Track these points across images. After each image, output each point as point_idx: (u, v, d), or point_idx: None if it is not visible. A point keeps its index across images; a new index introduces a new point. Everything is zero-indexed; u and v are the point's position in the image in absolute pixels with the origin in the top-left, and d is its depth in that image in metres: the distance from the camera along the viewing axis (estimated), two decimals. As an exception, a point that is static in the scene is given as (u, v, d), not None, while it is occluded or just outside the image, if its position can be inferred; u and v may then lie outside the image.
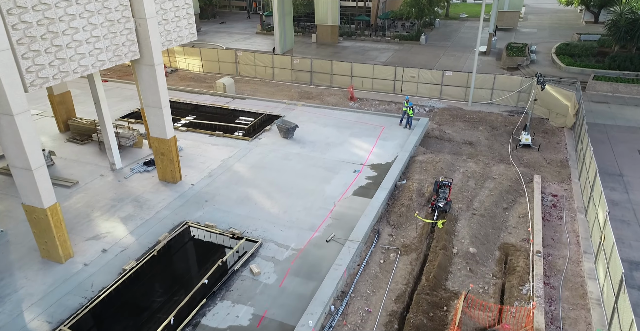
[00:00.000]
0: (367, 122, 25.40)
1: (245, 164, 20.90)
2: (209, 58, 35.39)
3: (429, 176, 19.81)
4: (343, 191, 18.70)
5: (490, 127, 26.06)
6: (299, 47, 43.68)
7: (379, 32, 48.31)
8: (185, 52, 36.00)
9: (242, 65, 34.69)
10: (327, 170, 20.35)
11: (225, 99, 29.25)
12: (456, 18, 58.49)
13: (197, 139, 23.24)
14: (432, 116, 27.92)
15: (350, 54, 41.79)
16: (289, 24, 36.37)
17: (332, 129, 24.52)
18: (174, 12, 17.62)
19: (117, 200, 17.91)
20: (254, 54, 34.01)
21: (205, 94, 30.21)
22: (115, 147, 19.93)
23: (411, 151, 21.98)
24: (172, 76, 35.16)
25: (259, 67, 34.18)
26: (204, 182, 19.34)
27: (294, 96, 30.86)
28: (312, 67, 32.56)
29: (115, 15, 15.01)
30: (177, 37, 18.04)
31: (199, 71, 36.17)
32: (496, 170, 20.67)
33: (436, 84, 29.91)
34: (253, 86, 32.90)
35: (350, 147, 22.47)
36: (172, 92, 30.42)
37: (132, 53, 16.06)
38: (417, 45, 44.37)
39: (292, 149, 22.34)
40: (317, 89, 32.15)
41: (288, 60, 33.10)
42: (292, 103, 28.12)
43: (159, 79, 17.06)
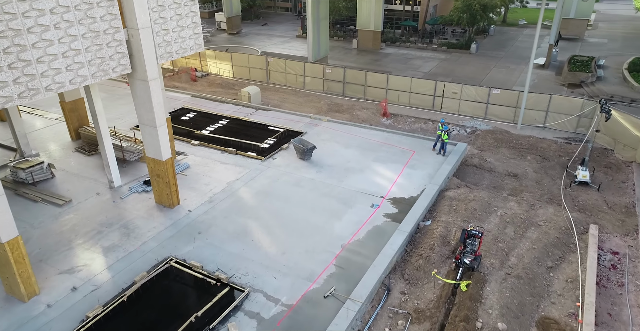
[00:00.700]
0: (396, 145, 22.64)
1: (252, 189, 18.85)
2: (240, 63, 33.78)
3: (459, 217, 16.88)
4: (354, 230, 16.19)
5: (541, 157, 22.53)
6: (337, 53, 41.31)
7: (426, 39, 44.97)
8: (217, 56, 34.61)
9: (272, 72, 32.81)
10: (341, 202, 17.90)
11: (248, 109, 27.41)
12: (514, 24, 53.90)
13: (207, 156, 21.47)
14: (474, 138, 24.69)
15: (391, 62, 38.90)
16: (324, 30, 34.06)
17: (355, 152, 21.99)
18: (176, 21, 15.79)
19: (106, 225, 16.37)
20: (285, 61, 32.00)
21: (228, 103, 28.54)
22: (114, 164, 18.49)
23: (442, 184, 19.06)
24: (201, 81, 33.88)
25: (289, 75, 32.15)
26: (202, 208, 17.48)
27: (322, 109, 28.57)
28: (345, 77, 30.10)
29: (102, 25, 13.33)
30: (179, 49, 16.22)
31: (229, 77, 34.67)
32: (543, 214, 17.38)
33: (481, 103, 26.57)
34: (282, 95, 30.90)
35: (371, 175, 19.86)
36: (195, 100, 29.02)
37: (122, 67, 14.35)
38: (466, 54, 40.73)
39: (307, 173, 20.05)
40: (348, 102, 29.67)
41: (320, 69, 30.83)
42: (317, 118, 25.82)
43: (154, 96, 15.30)
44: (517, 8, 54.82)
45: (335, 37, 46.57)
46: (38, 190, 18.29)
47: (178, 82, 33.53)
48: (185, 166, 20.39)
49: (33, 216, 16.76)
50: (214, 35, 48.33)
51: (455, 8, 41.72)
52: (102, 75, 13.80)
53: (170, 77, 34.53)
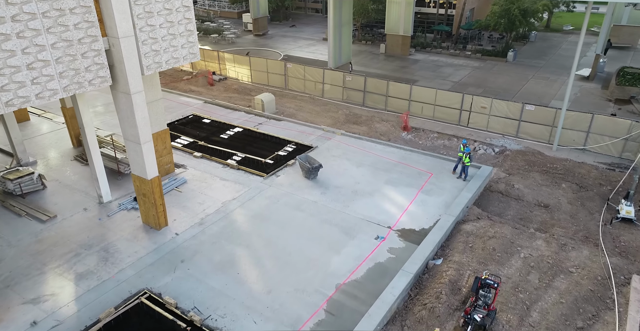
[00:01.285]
0: (412, 165, 20.57)
1: (248, 211, 17.30)
2: (258, 68, 32.40)
3: (474, 258, 14.74)
4: (353, 267, 14.35)
5: (578, 186, 19.92)
6: (363, 59, 39.33)
7: (459, 45, 42.30)
8: (235, 60, 33.37)
9: (291, 78, 31.25)
10: (343, 231, 16.08)
11: (259, 119, 25.92)
12: (559, 30, 50.25)
13: (207, 170, 20.11)
14: (502, 159, 22.27)
15: (419, 69, 36.59)
16: (346, 35, 32.18)
17: (366, 171, 20.08)
18: (167, 29, 14.40)
19: (86, 246, 15.21)
20: (304, 67, 30.36)
21: (240, 110, 27.17)
22: (104, 178, 17.36)
23: (459, 214, 16.92)
24: (218, 85, 32.73)
25: (308, 82, 30.50)
26: (190, 232, 16.06)
27: (339, 119, 26.76)
28: (365, 86, 28.17)
29: (76, 34, 12.06)
30: (170, 59, 14.83)
31: (247, 81, 33.37)
32: (575, 258, 14.99)
33: (513, 119, 24.04)
34: (298, 103, 29.29)
35: (381, 200, 17.93)
36: (208, 107, 27.81)
37: (101, 79, 13.07)
38: (502, 62, 37.88)
39: (310, 194, 18.33)
40: (368, 113, 27.72)
41: (340, 76, 29.01)
42: (331, 131, 24.03)
43: (137, 111, 13.96)
44: (563, 12, 51.11)
45: (363, 41, 44.58)
46: (25, 203, 17.40)
47: (195, 86, 32.51)
48: (182, 181, 19.09)
49: (13, 233, 15.81)
50: (239, 36, 47.32)
51: (492, 12, 38.90)
52: (76, 88, 12.54)
53: (188, 81, 33.58)
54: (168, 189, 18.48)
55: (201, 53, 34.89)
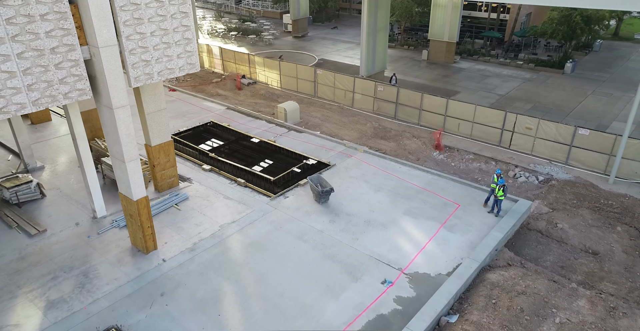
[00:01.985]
0: (438, 194, 18.19)
1: (246, 237, 15.68)
2: (288, 73, 30.84)
3: (496, 320, 12.31)
4: (350, 318, 12.36)
5: (638, 230, 16.83)
6: (402, 66, 36.86)
7: (510, 53, 38.83)
8: (266, 63, 31.98)
9: (320, 85, 29.44)
10: (346, 271, 14.10)
11: (279, 129, 24.30)
12: (629, 39, 45.30)
13: (213, 186, 18.71)
14: (546, 191, 19.41)
15: (462, 79, 33.69)
16: (381, 42, 29.91)
17: (385, 197, 17.94)
18: (160, 37, 12.99)
19: (66, 269, 14.13)
20: (334, 74, 28.45)
21: (261, 119, 25.69)
22: (98, 192, 16.31)
23: (485, 259, 14.48)
24: (246, 90, 31.46)
25: (338, 91, 28.57)
26: (179, 258, 14.65)
27: (366, 133, 24.67)
28: (398, 97, 25.88)
29: (48, 42, 10.84)
30: (163, 70, 13.42)
31: (277, 86, 31.90)
32: (628, 328, 12.22)
33: (562, 144, 21.01)
34: (325, 113, 27.43)
35: (395, 234, 15.77)
36: (229, 113, 26.53)
37: (79, 92, 11.82)
38: (557, 74, 34.21)
39: (317, 221, 16.46)
40: (398, 127, 25.43)
41: (371, 86, 26.87)
42: (353, 147, 22.00)
43: (121, 127, 12.64)
44: (635, 18, 46.09)
45: (405, 46, 42.01)
46: (19, 213, 16.68)
47: (222, 90, 31.42)
48: (183, 198, 17.78)
49: (-2, 246, 15.09)
50: (277, 38, 46.05)
51: (549, 19, 35.25)
52: (48, 101, 11.35)
53: (216, 84, 32.58)
54: (167, 206, 17.23)
55: (232, 55, 33.83)
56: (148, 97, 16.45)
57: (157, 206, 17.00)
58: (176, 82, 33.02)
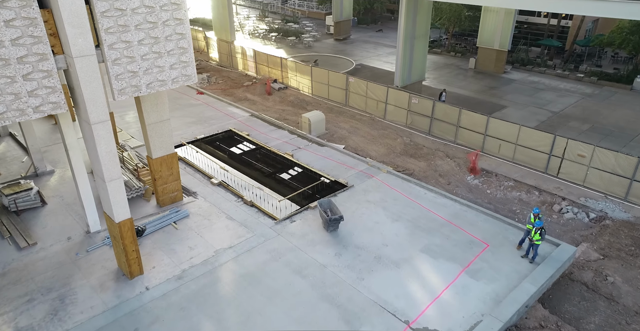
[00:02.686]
0: (465, 229, 15.89)
1: (240, 267, 14.18)
2: (319, 79, 29.18)
3: None
4: (337, 382, 10.56)
5: None
6: (446, 74, 34.21)
7: (570, 64, 35.10)
8: (297, 68, 30.50)
9: (352, 94, 27.57)
10: (344, 318, 12.25)
11: (300, 142, 22.68)
12: None
13: (217, 203, 17.39)
14: (597, 232, 16.59)
15: (512, 91, 30.65)
16: (419, 50, 27.51)
17: (403, 229, 15.87)
18: (149, 46, 11.71)
19: (45, 290, 13.21)
20: (367, 83, 26.46)
21: (284, 129, 24.18)
22: (92, 205, 15.39)
23: (512, 317, 12.16)
24: (275, 95, 30.12)
25: (370, 100, 26.58)
26: (164, 287, 13.38)
27: (396, 149, 22.59)
28: (433, 112, 23.55)
29: (14, 51, 9.77)
30: (153, 81, 12.15)
31: (307, 93, 30.34)
32: None
33: (622, 177, 18.00)
34: (355, 124, 25.53)
35: (407, 276, 13.71)
36: (252, 121, 25.23)
37: (52, 106, 10.73)
38: (624, 90, 30.40)
39: (322, 253, 14.70)
40: (432, 144, 23.13)
41: (405, 97, 24.67)
42: (376, 166, 20.01)
43: (100, 144, 11.47)
44: None
45: (452, 53, 39.18)
46: (15, 222, 16.09)
47: (251, 94, 30.26)
48: (183, 215, 16.58)
49: (-15, 259, 14.48)
50: (318, 40, 44.50)
51: (618, 27, 31.40)
52: (16, 116, 10.33)
53: (247, 88, 31.48)
54: (164, 224, 16.07)
55: (265, 58, 32.60)
56: (149, 107, 15.34)
57: (153, 224, 15.89)
58: (207, 84, 32.28)
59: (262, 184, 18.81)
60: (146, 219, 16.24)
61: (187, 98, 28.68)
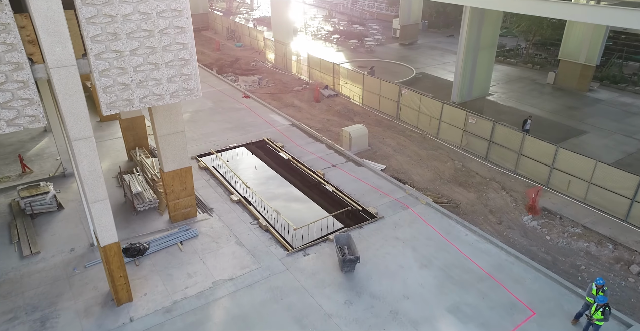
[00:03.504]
0: (508, 286, 13.10)
1: (234, 306, 12.61)
2: (371, 89, 26.99)
3: None
4: None
5: None
6: (519, 89, 30.44)
7: (673, 84, 29.81)
8: (350, 75, 28.49)
9: (404, 107, 25.09)
10: (336, 391, 10.26)
11: (336, 158, 20.72)
12: None
13: (231, 224, 15.99)
14: (685, 308, 13.03)
15: (595, 114, 26.42)
16: (484, 62, 24.26)
17: (431, 278, 13.42)
18: (144, 57, 10.40)
19: (30, 308, 12.46)
20: (420, 97, 23.85)
21: (322, 143, 22.33)
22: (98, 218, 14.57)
23: None
24: (324, 103, 28.35)
25: (423, 116, 23.97)
26: (149, 321, 12.12)
27: (444, 174, 19.96)
28: (492, 135, 20.53)
29: (-16, 61, 8.86)
30: (149, 95, 10.85)
31: (358, 102, 28.24)
32: None
33: None
34: (403, 142, 23.10)
35: (425, 345, 11.37)
36: (291, 131, 23.69)
37: (30, 119, 9.73)
38: None
39: (330, 299, 12.72)
40: (487, 172, 20.16)
41: (462, 116, 21.80)
42: (414, 196, 17.58)
43: (82, 162, 10.36)
44: None
45: (529, 65, 35.01)
46: (27, 225, 15.74)
47: (299, 100, 28.77)
48: (192, 235, 15.36)
49: (-14, 265, 14.15)
50: (381, 44, 42.07)
51: None
52: (-12, 131, 9.47)
53: (296, 93, 30.04)
54: (170, 243, 14.94)
55: (318, 63, 30.94)
56: (161, 118, 14.21)
57: (158, 242, 14.82)
58: (258, 86, 31.28)
59: (283, 205, 17.16)
60: (152, 236, 15.21)
61: (232, 101, 27.80)
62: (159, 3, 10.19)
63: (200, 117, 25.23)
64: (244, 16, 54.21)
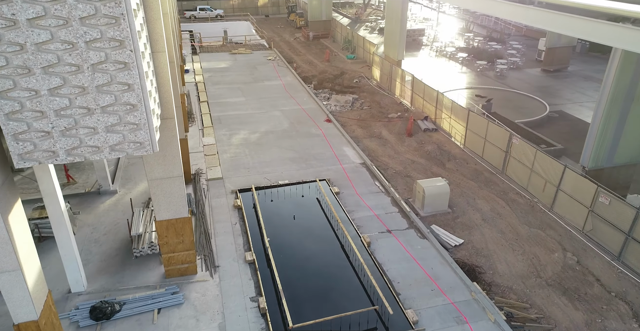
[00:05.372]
0: None
1: None
2: (476, 129, 21.41)
3: None
4: None
5: None
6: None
7: None
8: (453, 109, 23.19)
9: (513, 160, 19.15)
10: None
11: (397, 221, 16.12)
12: None
13: (228, 295, 12.77)
14: None
15: None
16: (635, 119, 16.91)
17: None
18: (71, 99, 7.61)
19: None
20: (536, 152, 17.73)
21: (387, 195, 17.85)
22: (73, 262, 12.60)
23: None
24: (416, 137, 23.55)
25: (536, 177, 17.85)
26: None
27: (544, 272, 14.15)
28: (634, 226, 13.87)
29: None
30: (79, 146, 8.06)
31: (459, 142, 22.84)
32: None
33: None
34: (500, 208, 17.45)
35: None
36: (357, 172, 19.70)
37: None
38: None
39: None
40: (614, 281, 13.71)
41: (590, 190, 15.34)
42: (481, 305, 12.27)
43: None
44: None
45: None
46: (30, 249, 14.65)
47: (388, 131, 24.39)
48: (175, 303, 12.50)
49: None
50: (518, 68, 34.93)
51: None
52: None
53: (389, 121, 25.69)
54: (148, 307, 12.30)
55: (422, 88, 26.07)
56: (152, 159, 11.61)
57: (136, 304, 12.33)
58: (350, 108, 27.70)
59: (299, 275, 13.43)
60: (132, 293, 12.81)
61: (311, 125, 24.67)
62: (89, 29, 7.31)
63: (268, 140, 22.60)
64: (370, 25, 50.85)
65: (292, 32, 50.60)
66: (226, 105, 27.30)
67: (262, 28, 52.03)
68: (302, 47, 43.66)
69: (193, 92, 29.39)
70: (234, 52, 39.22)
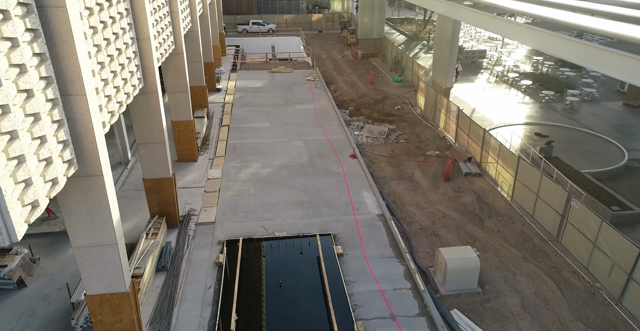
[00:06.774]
0: None
1: None
2: (526, 180, 17.38)
3: None
4: None
5: None
6: None
7: None
8: (502, 153, 19.23)
9: (570, 227, 14.99)
10: None
11: (408, 302, 12.63)
12: None
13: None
14: None
15: None
16: None
17: None
18: None
19: None
20: (601, 223, 13.54)
21: (401, 264, 14.39)
22: (-4, 334, 10.55)
23: None
24: (453, 183, 19.81)
25: (600, 255, 13.66)
26: None
27: None
28: None
29: None
30: None
31: (505, 193, 18.86)
32: None
33: None
34: (546, 292, 13.48)
35: None
36: (372, 228, 16.52)
37: None
38: None
39: None
40: None
41: (676, 290, 11.10)
42: None
43: None
44: None
45: None
46: (-25, 301, 12.91)
47: (421, 173, 20.83)
48: None
49: None
50: (594, 100, 29.81)
51: None
52: None
53: (425, 160, 22.12)
54: None
55: (467, 124, 22.29)
56: (76, 223, 9.28)
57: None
58: (384, 140, 24.47)
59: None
60: None
61: (332, 160, 21.70)
62: None
63: (279, 177, 19.94)
64: (428, 44, 47.18)
65: (341, 49, 48.11)
66: (247, 131, 25.09)
67: (312, 44, 50.07)
68: (348, 66, 40.97)
69: (217, 114, 27.58)
70: (273, 71, 37.29)
